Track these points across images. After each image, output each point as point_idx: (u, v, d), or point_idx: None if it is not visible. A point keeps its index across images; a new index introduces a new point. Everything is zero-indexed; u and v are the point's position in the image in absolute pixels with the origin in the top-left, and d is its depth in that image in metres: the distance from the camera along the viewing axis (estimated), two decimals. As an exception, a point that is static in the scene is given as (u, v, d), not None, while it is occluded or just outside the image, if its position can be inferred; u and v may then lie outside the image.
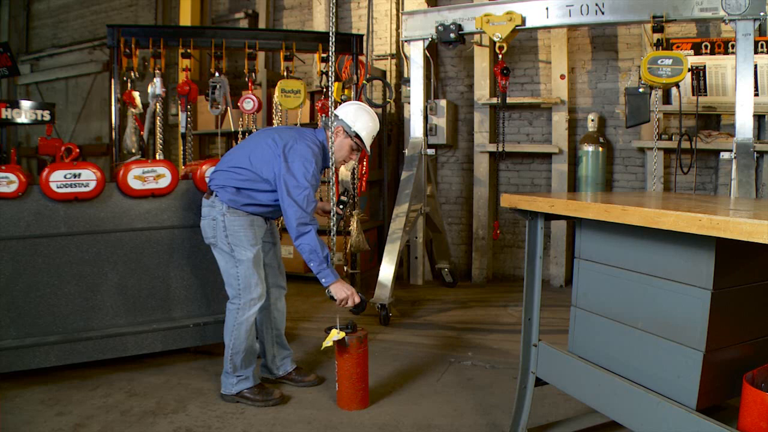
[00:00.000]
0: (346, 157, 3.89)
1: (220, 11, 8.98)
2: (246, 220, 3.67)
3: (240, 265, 3.67)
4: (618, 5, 5.39)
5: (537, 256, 3.11)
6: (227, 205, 3.63)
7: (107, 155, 9.64)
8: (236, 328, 3.71)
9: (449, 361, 4.54)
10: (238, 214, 3.65)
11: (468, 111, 7.47)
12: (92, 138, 10.15)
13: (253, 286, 3.69)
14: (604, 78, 7.00)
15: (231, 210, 3.63)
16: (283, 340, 4.10)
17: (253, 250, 3.67)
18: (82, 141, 10.12)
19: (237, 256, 3.67)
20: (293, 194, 3.54)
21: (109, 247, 4.14)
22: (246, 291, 3.69)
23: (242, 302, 3.70)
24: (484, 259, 7.24)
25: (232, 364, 3.75)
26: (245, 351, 3.74)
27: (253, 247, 3.67)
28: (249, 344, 3.75)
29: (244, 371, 3.77)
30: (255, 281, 3.69)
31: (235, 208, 3.63)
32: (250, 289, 3.69)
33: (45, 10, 10.94)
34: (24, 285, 3.93)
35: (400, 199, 5.82)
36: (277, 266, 4.06)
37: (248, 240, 3.66)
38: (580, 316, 2.99)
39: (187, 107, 5.42)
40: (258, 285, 3.70)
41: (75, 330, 4.04)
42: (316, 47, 5.75)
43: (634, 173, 6.94)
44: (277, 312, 4.06)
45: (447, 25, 5.86)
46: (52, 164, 3.98)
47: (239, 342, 3.71)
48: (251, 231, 3.68)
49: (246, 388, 3.76)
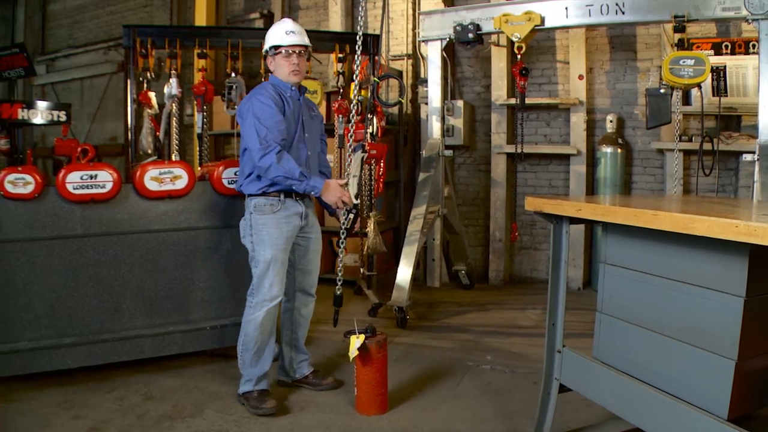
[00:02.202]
0: (290, 70, 3.73)
1: (235, 11, 8.95)
2: (272, 219, 3.63)
3: (257, 265, 3.67)
4: (639, 5, 5.30)
5: (562, 260, 3.06)
6: (254, 203, 3.66)
7: (122, 155, 9.64)
8: (245, 326, 3.72)
9: (468, 365, 4.48)
10: (264, 211, 3.64)
11: (485, 112, 7.40)
12: (107, 138, 10.15)
13: (266, 287, 3.66)
14: (623, 78, 6.91)
15: (258, 208, 3.65)
16: (301, 345, 4.06)
17: (271, 251, 3.63)
18: (98, 141, 10.11)
19: (256, 255, 3.67)
20: (246, 133, 3.59)
21: (125, 248, 4.11)
22: (259, 291, 3.68)
23: (255, 301, 3.69)
24: (501, 261, 7.18)
25: (242, 360, 3.75)
26: (254, 350, 3.70)
27: (272, 248, 3.63)
28: (259, 345, 3.70)
29: (250, 371, 3.73)
30: (269, 283, 3.65)
31: (264, 200, 3.63)
32: (262, 289, 3.66)
33: (61, 10, 10.96)
34: (40, 286, 3.91)
35: (417, 201, 5.77)
36: (309, 271, 3.99)
37: (270, 240, 3.63)
38: (605, 322, 2.94)
39: (204, 108, 5.38)
40: (273, 287, 3.66)
41: (91, 332, 4.02)
42: (333, 47, 5.71)
43: (653, 175, 6.85)
44: (300, 317, 4.02)
45: (465, 25, 5.80)
46: (68, 165, 3.96)
47: (248, 339, 3.70)
48: (276, 230, 3.64)
49: (247, 391, 3.73)
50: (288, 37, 3.72)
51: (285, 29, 3.74)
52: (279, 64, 3.76)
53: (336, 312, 4.09)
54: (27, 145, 6.44)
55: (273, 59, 3.79)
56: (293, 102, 3.76)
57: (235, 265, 4.29)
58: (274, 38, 3.75)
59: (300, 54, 3.76)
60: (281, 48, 3.72)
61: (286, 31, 3.74)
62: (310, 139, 3.85)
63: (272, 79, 3.83)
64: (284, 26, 3.77)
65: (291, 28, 3.75)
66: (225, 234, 4.34)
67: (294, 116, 3.74)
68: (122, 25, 5.53)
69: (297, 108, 3.77)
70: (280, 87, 3.75)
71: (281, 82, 3.77)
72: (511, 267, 7.41)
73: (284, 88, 3.76)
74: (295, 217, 3.72)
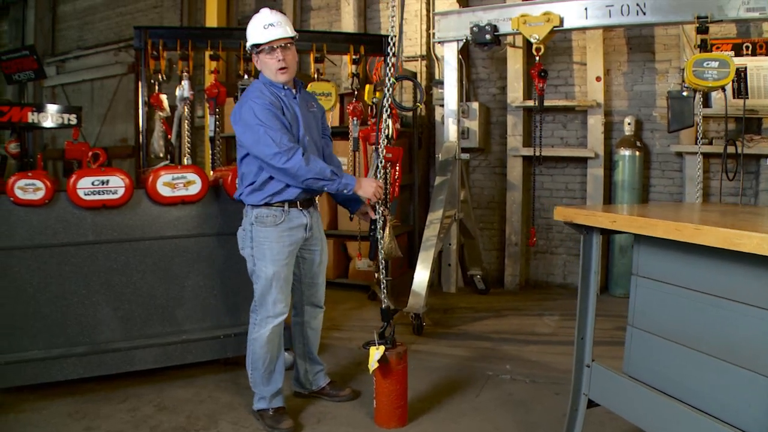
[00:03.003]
0: (277, 68, 3.40)
1: (246, 12, 8.85)
2: (274, 232, 3.43)
3: (258, 280, 3.49)
4: (660, 5, 5.18)
5: (592, 271, 2.95)
6: (256, 214, 3.44)
7: (133, 157, 9.59)
8: (251, 344, 3.56)
9: (487, 375, 4.38)
10: (266, 223, 3.43)
11: (500, 114, 7.29)
12: (117, 140, 10.08)
13: (269, 304, 3.47)
14: (641, 80, 6.79)
15: (260, 220, 3.43)
16: (315, 356, 3.93)
17: (274, 267, 3.43)
18: (108, 143, 10.06)
19: (257, 270, 3.49)
20: (254, 141, 3.29)
21: (137, 255, 4.03)
22: (262, 308, 3.51)
23: (258, 318, 3.52)
24: (517, 266, 7.06)
25: (252, 379, 3.60)
26: (264, 369, 3.54)
27: (274, 264, 3.43)
28: (268, 362, 3.54)
29: (262, 389, 3.58)
30: (272, 300, 3.47)
31: (266, 211, 3.43)
32: (266, 306, 3.49)
33: (71, 11, 10.90)
34: (51, 294, 3.84)
35: (434, 205, 5.66)
36: (317, 284, 3.81)
37: (272, 255, 3.43)
38: (636, 336, 2.84)
39: (216, 110, 5.28)
40: (277, 304, 3.48)
41: (103, 341, 3.95)
42: (347, 48, 5.60)
43: (671, 178, 6.73)
44: (310, 330, 3.87)
45: (482, 26, 5.68)
46: (79, 171, 3.88)
47: (255, 358, 3.54)
48: (278, 244, 3.43)
49: (262, 409, 3.59)
50: (267, 32, 3.37)
51: (263, 23, 3.39)
52: (264, 63, 3.44)
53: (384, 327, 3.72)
54: (37, 148, 6.38)
55: (257, 58, 3.46)
56: (289, 101, 3.48)
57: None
58: (253, 35, 3.43)
59: (285, 47, 3.40)
60: (262, 46, 3.39)
61: (264, 24, 3.38)
62: (311, 139, 3.56)
63: (262, 78, 3.50)
64: (262, 19, 3.41)
65: (269, 20, 3.39)
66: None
67: (293, 117, 3.47)
68: (133, 26, 5.44)
69: (294, 107, 3.49)
70: (272, 87, 3.46)
71: (272, 83, 3.46)
72: (526, 271, 7.30)
73: (276, 87, 3.46)
74: (299, 229, 3.52)
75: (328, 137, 3.85)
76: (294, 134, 3.43)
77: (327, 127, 3.85)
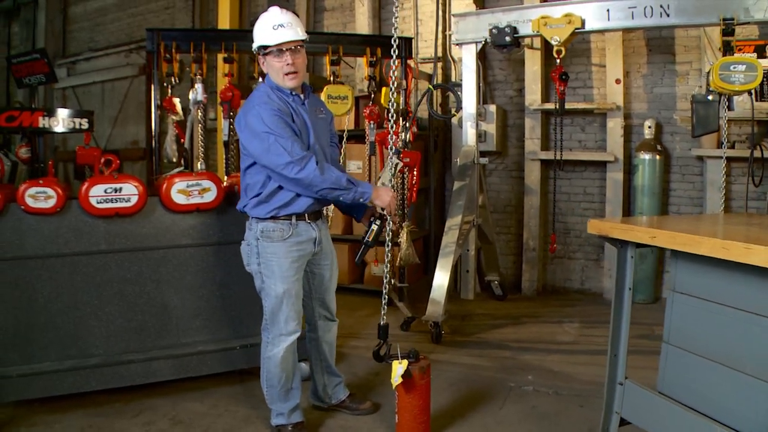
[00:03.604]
0: (284, 72, 3.20)
1: (258, 13, 8.62)
2: (282, 247, 3.27)
3: (267, 298, 3.35)
4: (685, 7, 5.04)
5: (626, 287, 2.83)
6: (261, 228, 3.28)
7: (144, 160, 9.50)
8: (265, 363, 3.43)
9: (509, 386, 4.26)
10: (273, 238, 3.26)
11: (517, 116, 7.16)
12: (128, 142, 10.02)
13: (281, 322, 3.34)
14: (660, 82, 6.65)
15: (266, 234, 3.27)
16: (333, 368, 3.80)
17: (283, 285, 3.29)
18: (119, 145, 10.01)
19: (265, 288, 3.34)
20: (263, 147, 3.10)
21: (151, 264, 3.94)
22: (274, 326, 3.36)
23: (270, 337, 3.39)
24: (534, 271, 6.94)
25: (269, 396, 3.48)
26: (280, 386, 3.42)
27: (284, 281, 3.29)
28: (285, 380, 3.41)
29: (280, 406, 3.46)
30: (284, 318, 3.33)
31: (273, 225, 3.26)
32: (278, 324, 3.35)
33: (82, 13, 10.84)
34: (63, 305, 3.75)
35: (452, 211, 5.54)
36: (328, 299, 3.66)
37: (281, 271, 3.28)
38: (672, 354, 2.72)
39: (230, 114, 5.18)
40: (289, 322, 3.34)
41: (116, 352, 3.86)
42: (363, 51, 5.48)
43: (691, 182, 6.59)
44: (326, 345, 3.72)
45: (501, 28, 5.55)
46: (91, 178, 3.78)
47: (270, 376, 3.41)
48: (286, 260, 3.28)
49: (281, 425, 3.48)
50: (276, 33, 3.14)
51: (272, 23, 3.16)
52: (271, 66, 3.22)
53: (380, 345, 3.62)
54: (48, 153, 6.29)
55: (264, 60, 3.26)
56: (297, 107, 3.29)
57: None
58: (261, 35, 3.20)
59: (295, 50, 3.19)
60: (270, 48, 3.18)
61: (274, 25, 3.15)
62: (321, 147, 3.38)
63: (269, 81, 3.30)
64: (271, 19, 3.18)
65: (279, 21, 3.16)
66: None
67: (302, 124, 3.29)
68: (146, 28, 5.34)
69: (302, 114, 3.31)
70: (279, 91, 3.27)
71: (280, 88, 3.27)
72: (544, 276, 7.17)
73: (284, 92, 3.27)
74: (307, 243, 3.36)
75: (335, 144, 3.69)
76: (304, 142, 3.26)
77: (334, 133, 3.69)
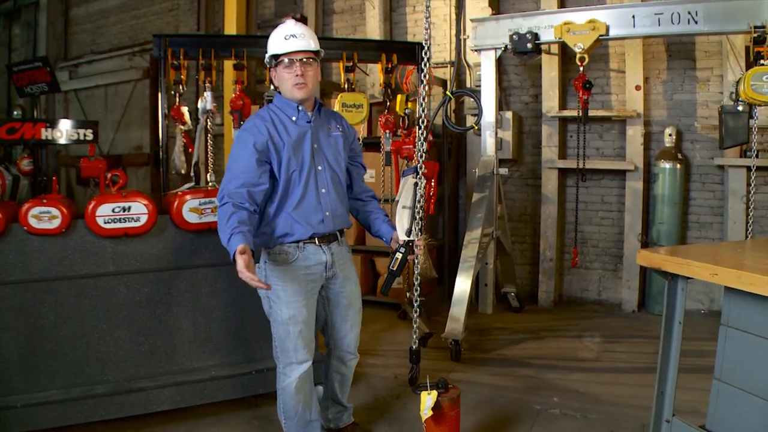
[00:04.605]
0: (293, 83, 3.05)
1: (265, 15, 8.56)
2: (288, 271, 3.09)
3: (275, 324, 3.17)
4: (714, 14, 4.88)
5: (676, 321, 2.64)
6: (268, 250, 3.12)
7: (148, 165, 9.33)
8: (280, 393, 3.24)
9: (535, 409, 4.09)
10: (278, 261, 3.09)
11: (533, 123, 6.97)
12: (132, 147, 9.84)
13: (290, 351, 3.15)
14: (681, 88, 6.46)
15: (272, 257, 3.10)
16: (340, 399, 3.58)
17: (289, 310, 3.10)
18: (122, 150, 9.84)
19: (273, 313, 3.17)
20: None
21: (162, 286, 3.75)
22: (284, 354, 3.18)
23: (282, 366, 3.21)
24: (551, 282, 6.75)
25: (287, 429, 3.28)
26: (297, 418, 3.23)
27: (289, 306, 3.10)
28: (301, 412, 3.23)
29: None
30: (292, 346, 3.14)
31: (278, 248, 3.09)
32: (287, 353, 3.16)
33: (83, 15, 10.66)
34: (69, 330, 3.57)
35: (472, 224, 5.35)
36: (345, 330, 3.40)
37: (286, 296, 3.09)
38: (724, 391, 2.56)
39: (241, 123, 4.97)
40: (299, 349, 3.14)
41: (126, 379, 3.68)
42: (378, 57, 5.27)
43: (712, 191, 6.42)
44: (337, 375, 3.51)
45: (522, 34, 5.35)
46: (98, 197, 3.59)
47: (287, 408, 3.23)
48: (292, 285, 3.10)
49: None
50: (288, 43, 3.04)
51: (284, 33, 3.07)
52: (281, 77, 3.10)
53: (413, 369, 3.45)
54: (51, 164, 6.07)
55: (275, 72, 3.14)
56: (298, 128, 3.12)
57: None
58: (272, 45, 3.11)
59: (306, 62, 3.06)
60: (281, 57, 3.06)
61: (286, 35, 3.05)
62: (325, 169, 3.16)
63: (276, 99, 3.20)
64: (284, 30, 3.09)
65: (291, 31, 3.06)
66: (270, 268, 3.95)
67: (299, 145, 3.09)
68: (153, 34, 5.14)
69: (304, 134, 3.12)
70: (282, 110, 3.14)
71: (285, 102, 3.14)
72: (560, 287, 6.98)
73: (289, 110, 3.14)
74: (317, 267, 3.15)
75: (359, 164, 3.47)
76: (297, 161, 3.07)
77: (358, 152, 3.46)
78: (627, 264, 6.55)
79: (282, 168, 3.04)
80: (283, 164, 3.04)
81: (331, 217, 3.14)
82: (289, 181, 3.05)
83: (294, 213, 3.06)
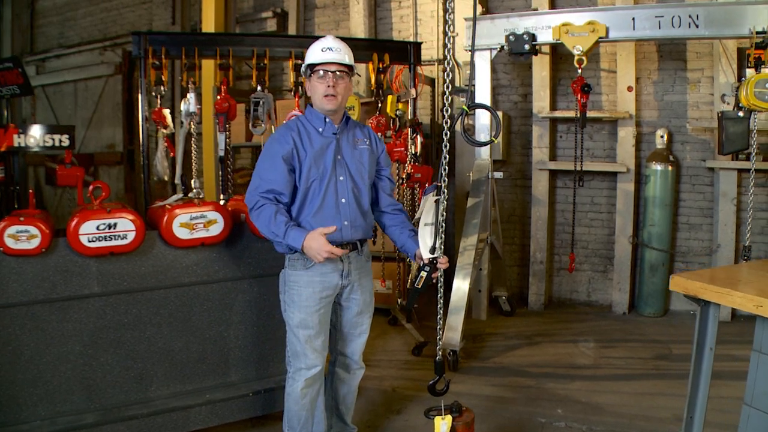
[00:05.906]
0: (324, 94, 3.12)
1: (244, 9, 8.30)
2: (304, 276, 3.13)
3: (288, 328, 3.24)
4: (715, 17, 4.84)
5: (707, 347, 2.54)
6: (288, 255, 3.17)
7: (121, 164, 9.03)
8: (287, 398, 3.27)
9: (540, 423, 4.00)
10: (296, 267, 3.14)
11: (522, 123, 6.84)
12: (104, 146, 9.51)
13: (300, 355, 3.19)
14: (671, 89, 6.42)
15: (291, 263, 3.16)
16: (342, 416, 3.54)
17: (300, 315, 3.14)
18: (94, 148, 9.50)
19: (286, 317, 3.23)
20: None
21: (151, 306, 3.52)
22: (294, 358, 3.23)
23: (291, 370, 3.25)
24: (542, 284, 6.65)
25: None
26: (300, 428, 3.23)
27: (302, 311, 3.14)
28: (304, 421, 3.23)
29: None
30: (302, 349, 3.17)
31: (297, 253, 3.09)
32: (297, 357, 3.21)
33: (51, 7, 10.27)
34: (52, 356, 3.31)
35: (467, 230, 5.21)
36: (352, 336, 3.40)
37: (300, 300, 3.14)
38: (755, 417, 2.50)
39: (226, 127, 4.73)
40: (308, 354, 3.17)
41: (114, 405, 3.45)
42: (370, 57, 5.05)
43: (701, 192, 6.41)
44: (340, 383, 3.49)
45: (519, 35, 5.20)
46: (81, 213, 3.31)
47: (291, 415, 3.25)
48: (307, 290, 3.13)
49: None
50: (324, 54, 3.13)
51: (322, 46, 3.17)
52: (313, 86, 3.18)
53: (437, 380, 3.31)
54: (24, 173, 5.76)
55: (308, 82, 3.22)
56: (323, 138, 3.17)
57: (278, 318, 3.64)
58: (310, 56, 3.19)
59: (339, 75, 3.14)
60: (316, 67, 3.14)
61: (323, 48, 3.15)
62: (347, 179, 3.20)
63: (307, 110, 3.28)
64: (322, 42, 3.19)
65: (329, 45, 3.16)
66: (265, 283, 3.77)
67: (321, 156, 3.14)
68: (131, 32, 4.90)
69: (327, 144, 3.17)
70: (310, 121, 3.21)
71: (314, 113, 3.21)
72: (549, 288, 6.90)
73: (316, 121, 3.19)
74: (332, 275, 3.17)
75: (385, 177, 3.44)
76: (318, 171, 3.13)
77: (384, 166, 3.44)
78: (618, 266, 6.50)
79: (302, 176, 3.10)
80: (304, 173, 3.11)
81: (350, 226, 3.16)
82: (308, 189, 3.12)
83: (312, 220, 3.11)
